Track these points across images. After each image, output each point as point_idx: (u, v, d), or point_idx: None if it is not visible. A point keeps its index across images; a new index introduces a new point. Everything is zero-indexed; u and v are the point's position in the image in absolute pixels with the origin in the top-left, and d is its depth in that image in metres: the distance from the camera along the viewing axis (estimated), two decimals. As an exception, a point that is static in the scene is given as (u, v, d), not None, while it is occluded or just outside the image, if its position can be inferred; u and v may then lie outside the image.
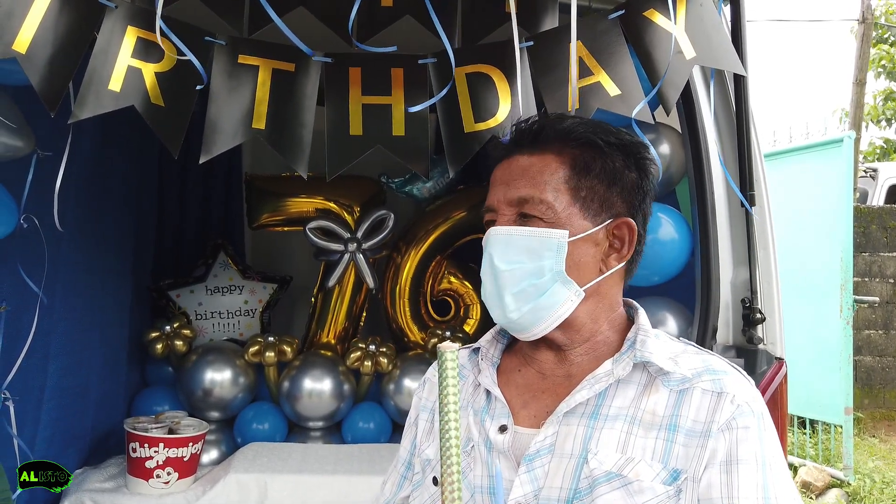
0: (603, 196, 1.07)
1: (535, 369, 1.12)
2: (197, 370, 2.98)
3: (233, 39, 1.74)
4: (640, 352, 1.04)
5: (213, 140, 1.69)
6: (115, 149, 2.82)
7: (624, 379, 1.04)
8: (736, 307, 1.90)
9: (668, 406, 1.01)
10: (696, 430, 0.98)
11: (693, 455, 0.97)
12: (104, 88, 1.59)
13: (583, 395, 1.03)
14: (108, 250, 2.83)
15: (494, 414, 1.09)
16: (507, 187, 1.08)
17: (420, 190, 3.43)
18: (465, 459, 1.08)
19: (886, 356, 6.69)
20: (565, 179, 1.06)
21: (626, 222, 1.09)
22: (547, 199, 1.05)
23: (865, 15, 9.17)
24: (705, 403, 0.99)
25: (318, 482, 2.56)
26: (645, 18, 1.73)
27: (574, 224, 1.06)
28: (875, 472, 5.11)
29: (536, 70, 1.75)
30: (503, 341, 1.20)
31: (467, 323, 3.56)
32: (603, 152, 1.08)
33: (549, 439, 1.02)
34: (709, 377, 1.02)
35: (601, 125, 1.11)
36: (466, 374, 1.18)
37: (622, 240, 1.09)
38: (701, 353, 1.08)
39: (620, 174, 1.08)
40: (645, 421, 1.00)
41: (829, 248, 4.96)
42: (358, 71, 1.78)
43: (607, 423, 1.01)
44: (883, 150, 14.00)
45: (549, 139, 1.09)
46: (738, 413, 0.98)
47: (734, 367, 1.06)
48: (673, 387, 1.02)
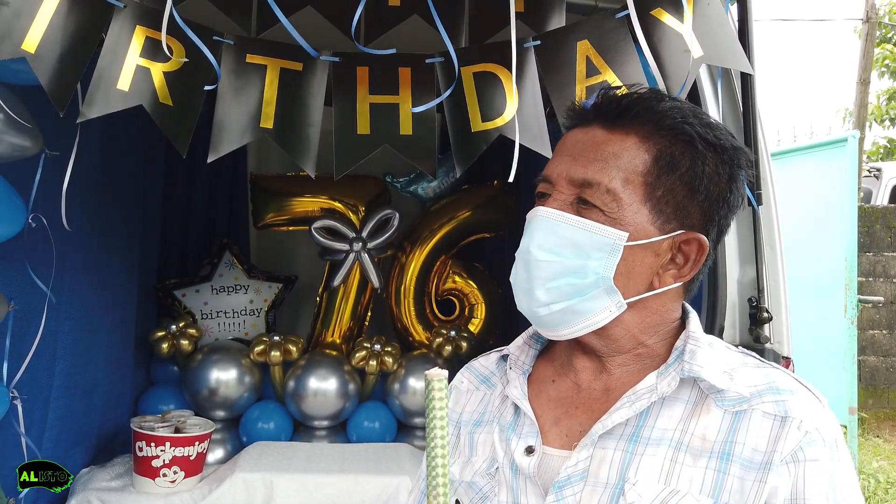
0: (681, 202, 0.91)
1: (572, 380, 0.99)
2: (202, 369, 2.99)
3: (241, 39, 1.75)
4: (689, 364, 0.90)
5: (221, 139, 1.69)
6: (123, 149, 2.83)
7: (670, 396, 0.90)
8: (742, 306, 1.90)
9: (721, 430, 0.87)
10: (755, 460, 0.84)
11: (749, 490, 0.84)
12: (113, 88, 1.59)
13: (621, 415, 0.90)
14: (115, 250, 2.83)
15: (522, 432, 0.96)
16: (574, 162, 0.92)
17: (425, 189, 3.43)
18: (490, 482, 0.97)
19: (891, 356, 6.68)
20: (643, 171, 0.90)
21: (698, 239, 0.92)
22: (614, 189, 0.89)
23: (869, 14, 9.16)
24: (766, 430, 0.85)
25: (324, 481, 2.56)
26: (652, 17, 1.73)
27: (638, 226, 0.90)
28: (879, 472, 5.11)
29: (543, 69, 1.75)
30: (536, 346, 1.07)
31: (472, 322, 3.57)
32: (696, 150, 0.91)
33: (581, 464, 0.90)
34: (771, 398, 0.87)
35: (702, 116, 0.94)
36: (495, 383, 1.07)
37: (687, 257, 0.93)
38: (764, 367, 0.93)
39: (709, 181, 0.92)
40: (693, 447, 0.87)
41: (832, 248, 4.95)
42: (365, 70, 1.79)
43: (649, 448, 0.88)
44: (887, 149, 13.97)
45: (638, 118, 0.92)
46: (807, 442, 0.84)
47: (803, 385, 0.91)
48: (728, 407, 0.88)
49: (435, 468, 0.74)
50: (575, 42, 1.72)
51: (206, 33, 1.68)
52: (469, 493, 0.99)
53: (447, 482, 0.74)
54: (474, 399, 1.08)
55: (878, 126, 13.09)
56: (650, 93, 0.95)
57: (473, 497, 0.98)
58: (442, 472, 0.74)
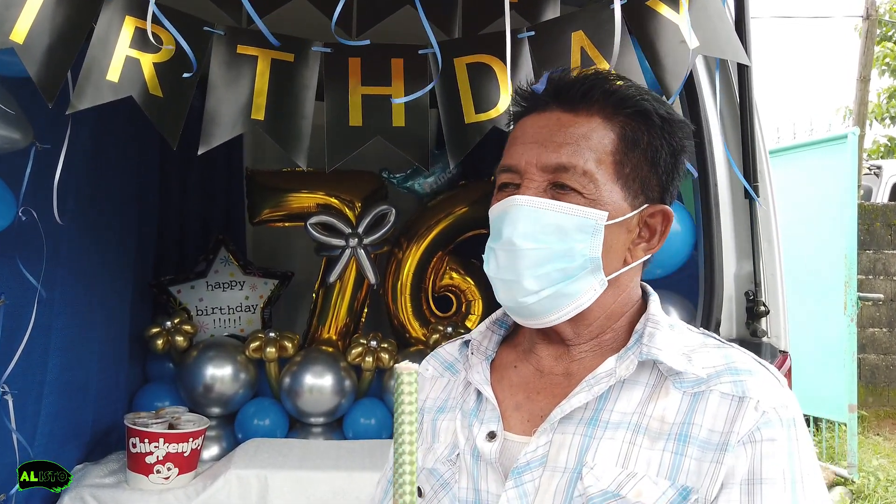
0: (645, 176, 0.94)
1: (534, 365, 0.99)
2: (198, 366, 2.97)
3: (231, 30, 1.73)
4: (648, 347, 0.90)
5: (212, 131, 1.68)
6: (116, 143, 2.81)
7: (629, 379, 0.90)
8: (739, 300, 1.89)
9: (679, 412, 0.87)
10: (712, 441, 0.84)
11: (706, 472, 0.83)
12: (102, 79, 1.58)
13: (580, 399, 0.90)
14: (109, 245, 2.82)
15: (484, 418, 0.96)
16: (543, 148, 0.91)
17: (421, 185, 3.42)
18: (450, 469, 0.97)
19: (891, 354, 6.67)
20: (612, 150, 0.91)
21: (663, 210, 0.96)
22: (590, 171, 0.90)
23: (870, 12, 9.13)
24: (723, 410, 0.85)
25: (319, 478, 2.55)
26: (649, 8, 1.72)
27: (614, 205, 0.91)
28: (879, 470, 5.10)
29: (538, 60, 1.73)
30: (500, 332, 1.07)
31: (469, 319, 3.55)
32: (652, 124, 0.94)
33: (540, 450, 0.90)
34: (729, 378, 0.87)
35: (652, 93, 0.96)
36: (458, 370, 1.06)
37: (653, 229, 0.96)
38: (723, 348, 0.93)
39: (665, 153, 0.95)
40: (651, 429, 0.87)
41: (832, 246, 4.94)
42: (357, 61, 1.77)
43: (607, 432, 0.88)
44: (887, 147, 13.95)
45: (599, 99, 0.93)
46: (764, 422, 0.84)
47: (762, 365, 0.91)
48: (686, 389, 0.88)
49: (402, 464, 0.73)
50: (569, 33, 1.70)
51: (196, 24, 1.67)
52: (430, 480, 0.99)
53: (414, 478, 0.73)
54: (438, 386, 1.08)
55: (879, 124, 13.08)
56: (603, 73, 0.97)
57: (434, 484, 0.98)
58: (409, 469, 0.73)
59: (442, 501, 0.96)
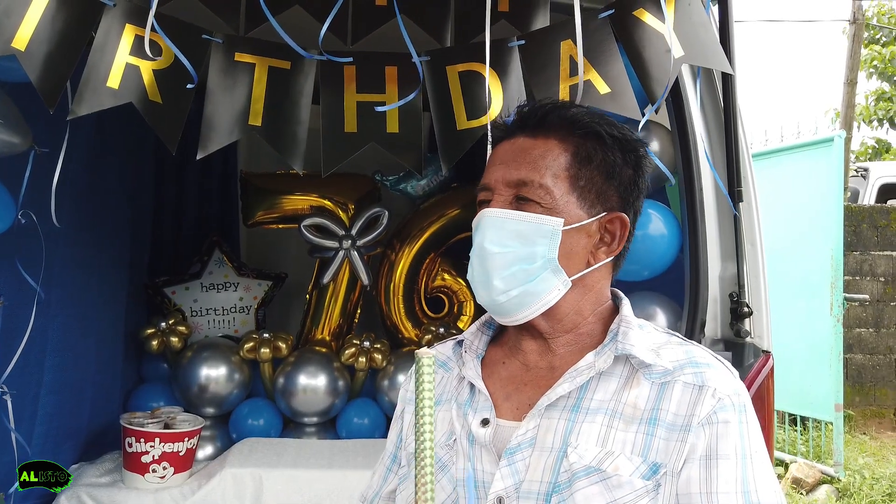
0: (600, 188, 1.07)
1: (520, 361, 1.12)
2: (192, 366, 3.00)
3: (229, 37, 1.77)
4: (622, 344, 1.03)
5: (210, 137, 1.71)
6: (112, 146, 2.84)
7: (606, 371, 1.03)
8: (724, 301, 1.94)
9: (649, 399, 1.00)
10: (677, 423, 0.98)
11: (673, 449, 0.97)
12: (102, 85, 1.61)
13: (564, 389, 1.02)
14: (105, 247, 2.84)
15: (477, 407, 1.08)
16: (507, 168, 1.07)
17: (414, 187, 3.45)
18: (448, 453, 1.08)
19: (877, 354, 6.75)
20: (566, 167, 1.06)
21: (620, 217, 1.09)
22: (546, 185, 1.04)
23: (857, 16, 9.23)
24: (686, 397, 0.99)
25: (313, 476, 2.58)
26: (635, 18, 1.76)
27: (570, 213, 1.05)
28: (865, 469, 5.16)
29: (528, 68, 1.78)
30: (489, 332, 1.20)
31: (461, 320, 3.59)
32: (605, 144, 1.08)
33: (530, 433, 1.02)
34: (691, 370, 1.01)
35: (605, 118, 1.11)
36: (451, 367, 1.18)
37: (613, 234, 1.09)
38: (685, 345, 1.07)
39: (619, 168, 1.08)
40: (626, 414, 1.00)
41: (819, 247, 5.01)
42: (352, 69, 1.81)
43: (588, 417, 1.01)
44: (875, 149, 14.09)
45: (554, 124, 1.08)
46: (719, 407, 0.97)
47: (718, 360, 1.05)
48: (655, 379, 1.02)
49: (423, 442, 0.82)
50: (559, 42, 1.74)
51: (195, 32, 1.70)
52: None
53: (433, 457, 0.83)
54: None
55: (867, 126, 13.20)
56: (561, 102, 1.14)
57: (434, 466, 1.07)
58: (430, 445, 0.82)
59: (441, 482, 1.07)
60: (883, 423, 6.64)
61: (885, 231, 6.74)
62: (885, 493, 4.78)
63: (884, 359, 6.75)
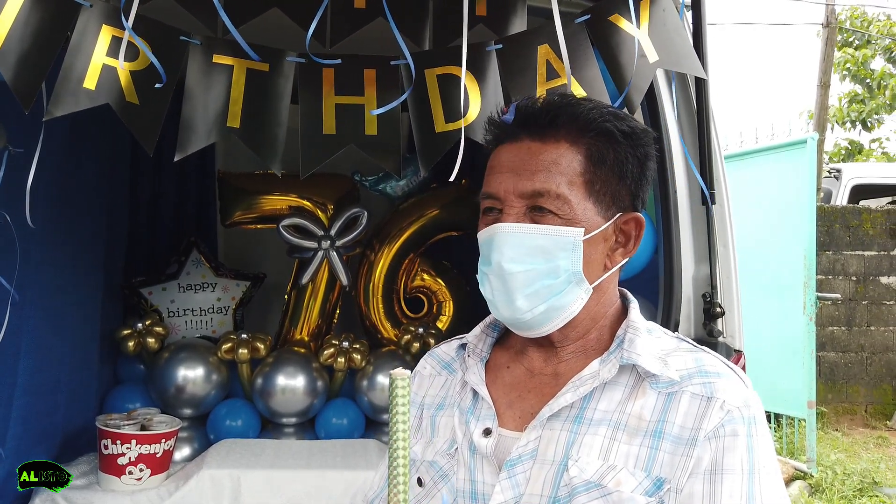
0: (615, 189, 1.02)
1: (525, 366, 1.08)
2: (169, 367, 2.98)
3: (208, 39, 1.76)
4: (628, 353, 0.99)
5: (188, 138, 1.71)
6: (88, 146, 2.81)
7: (611, 381, 0.99)
8: (697, 301, 1.97)
9: (655, 411, 0.96)
10: (683, 437, 0.93)
11: (678, 464, 0.92)
12: (79, 86, 1.60)
13: (567, 399, 0.98)
14: (80, 247, 2.82)
15: (480, 415, 1.05)
16: (518, 177, 0.99)
17: (393, 188, 3.46)
18: (449, 462, 1.05)
19: (849, 352, 6.88)
20: (581, 171, 0.99)
21: (635, 217, 1.04)
22: (563, 194, 0.98)
23: (830, 19, 9.39)
24: (693, 409, 0.94)
25: (291, 477, 2.58)
26: (610, 23, 1.79)
27: (588, 220, 1.00)
28: (837, 465, 5.25)
29: (506, 72, 1.80)
30: (493, 335, 1.15)
31: (440, 320, 3.61)
32: (616, 142, 1.01)
33: (531, 444, 0.99)
34: (699, 380, 0.96)
35: (613, 111, 1.04)
36: (455, 369, 1.15)
37: (628, 235, 1.04)
38: (695, 352, 1.02)
39: (631, 165, 1.02)
40: (630, 426, 0.96)
41: (793, 247, 5.08)
42: (331, 71, 1.81)
43: (591, 429, 0.97)
44: (848, 151, 14.34)
45: (564, 125, 1.01)
46: (728, 420, 0.92)
47: (730, 367, 1.00)
48: (661, 389, 0.97)
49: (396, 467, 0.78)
50: (535, 46, 1.77)
51: (173, 33, 1.70)
52: (430, 471, 1.08)
53: (406, 479, 0.79)
54: (437, 383, 1.17)
55: (840, 128, 13.42)
56: (566, 98, 1.05)
57: (434, 475, 1.07)
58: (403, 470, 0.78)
59: (441, 491, 1.05)
60: (854, 419, 6.76)
61: (857, 231, 6.87)
62: (856, 489, 4.88)
63: (855, 356, 6.88)
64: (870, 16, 12.92)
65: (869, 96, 12.74)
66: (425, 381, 1.19)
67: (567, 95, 1.07)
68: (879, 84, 12.50)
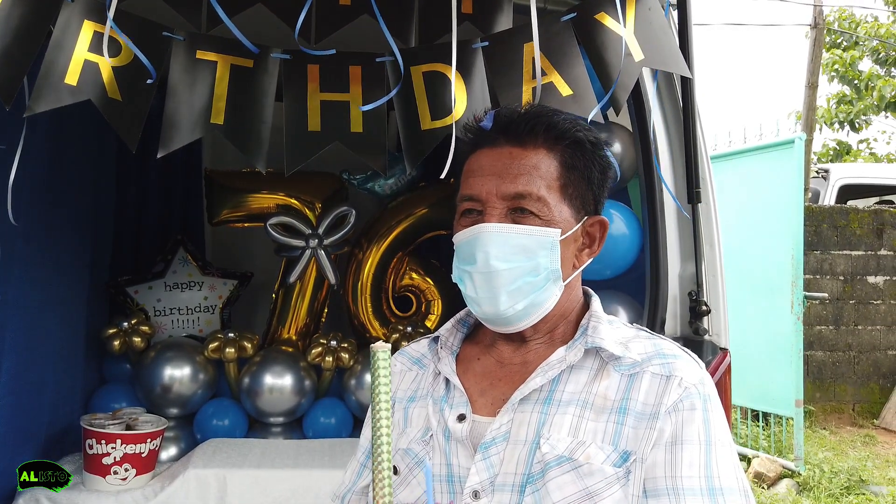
0: (583, 193, 1.11)
1: (494, 357, 1.14)
2: (156, 367, 2.96)
3: (191, 35, 1.75)
4: (592, 338, 1.07)
5: (171, 135, 1.70)
6: (72, 143, 2.79)
7: (577, 365, 1.07)
8: (683, 300, 1.98)
9: (619, 390, 1.03)
10: (646, 412, 1.01)
11: (642, 437, 1.00)
12: (61, 82, 1.59)
13: (536, 383, 1.05)
14: (65, 245, 2.79)
15: (453, 403, 1.10)
16: (501, 179, 1.06)
17: (382, 186, 3.45)
18: (424, 448, 1.10)
19: (836, 351, 6.92)
20: (557, 176, 1.08)
21: (600, 220, 1.14)
22: (543, 196, 1.06)
23: (818, 20, 9.44)
24: (654, 387, 1.02)
25: (278, 476, 2.56)
26: (596, 21, 1.79)
27: (564, 222, 1.08)
28: (824, 463, 5.28)
29: (491, 70, 1.79)
30: (463, 330, 1.22)
31: (429, 319, 3.60)
32: (585, 149, 1.10)
33: (504, 427, 1.05)
34: (659, 361, 1.05)
35: (583, 123, 1.14)
36: (427, 364, 1.20)
37: (593, 237, 1.14)
38: (653, 338, 1.11)
39: (596, 172, 1.12)
40: (597, 405, 1.03)
41: (781, 247, 5.10)
42: (316, 68, 1.81)
43: (560, 409, 1.03)
44: (836, 151, 14.43)
45: (542, 133, 1.08)
46: (686, 395, 1.01)
47: (684, 351, 1.09)
48: (624, 371, 1.05)
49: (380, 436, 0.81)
50: (521, 44, 1.76)
51: (155, 29, 1.69)
52: (405, 459, 1.12)
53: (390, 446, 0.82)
54: (408, 378, 1.22)
55: (828, 128, 13.49)
56: (542, 108, 1.14)
57: (409, 462, 1.11)
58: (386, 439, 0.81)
59: (417, 477, 1.09)
60: (842, 418, 6.81)
61: (845, 231, 6.91)
62: (843, 487, 4.91)
63: (843, 355, 6.92)
64: (857, 17, 12.98)
65: (857, 97, 12.80)
66: (396, 376, 1.23)
67: (544, 107, 1.16)
68: (867, 85, 12.56)
